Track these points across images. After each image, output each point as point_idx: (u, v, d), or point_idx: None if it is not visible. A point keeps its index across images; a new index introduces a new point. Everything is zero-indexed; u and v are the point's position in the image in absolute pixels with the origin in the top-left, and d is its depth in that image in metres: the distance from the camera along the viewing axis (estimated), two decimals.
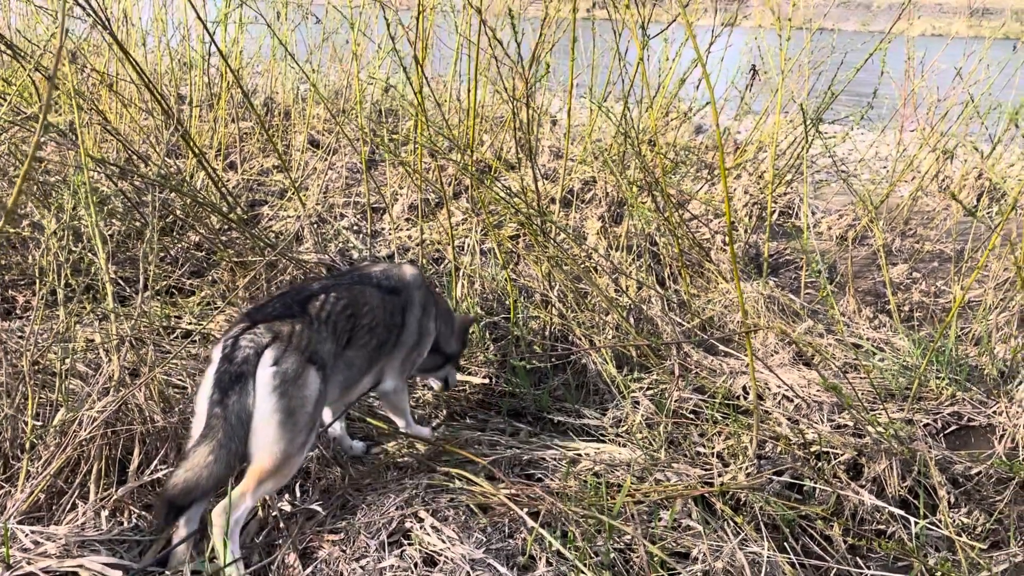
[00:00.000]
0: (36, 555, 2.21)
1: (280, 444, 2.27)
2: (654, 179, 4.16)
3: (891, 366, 3.68)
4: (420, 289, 2.97)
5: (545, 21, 3.86)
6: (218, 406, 2.21)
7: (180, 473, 2.19)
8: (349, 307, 2.60)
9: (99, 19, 3.28)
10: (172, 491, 2.18)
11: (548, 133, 6.79)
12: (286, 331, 2.35)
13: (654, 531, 2.58)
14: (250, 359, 2.27)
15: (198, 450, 2.19)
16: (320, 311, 2.50)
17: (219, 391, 2.23)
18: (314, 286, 2.65)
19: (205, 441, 2.20)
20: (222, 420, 2.21)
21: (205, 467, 2.18)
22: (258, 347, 2.29)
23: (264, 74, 6.94)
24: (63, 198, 2.96)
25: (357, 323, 2.62)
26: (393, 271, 2.94)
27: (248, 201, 5.13)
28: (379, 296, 2.77)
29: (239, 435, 2.23)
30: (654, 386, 3.52)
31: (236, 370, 2.25)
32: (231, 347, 2.29)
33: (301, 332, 2.38)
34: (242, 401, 2.23)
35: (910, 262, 5.08)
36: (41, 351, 2.73)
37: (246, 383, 2.24)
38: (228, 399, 2.22)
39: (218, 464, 2.19)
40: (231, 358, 2.27)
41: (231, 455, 2.21)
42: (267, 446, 2.26)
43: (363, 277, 2.83)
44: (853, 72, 4.86)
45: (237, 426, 2.22)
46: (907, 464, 2.96)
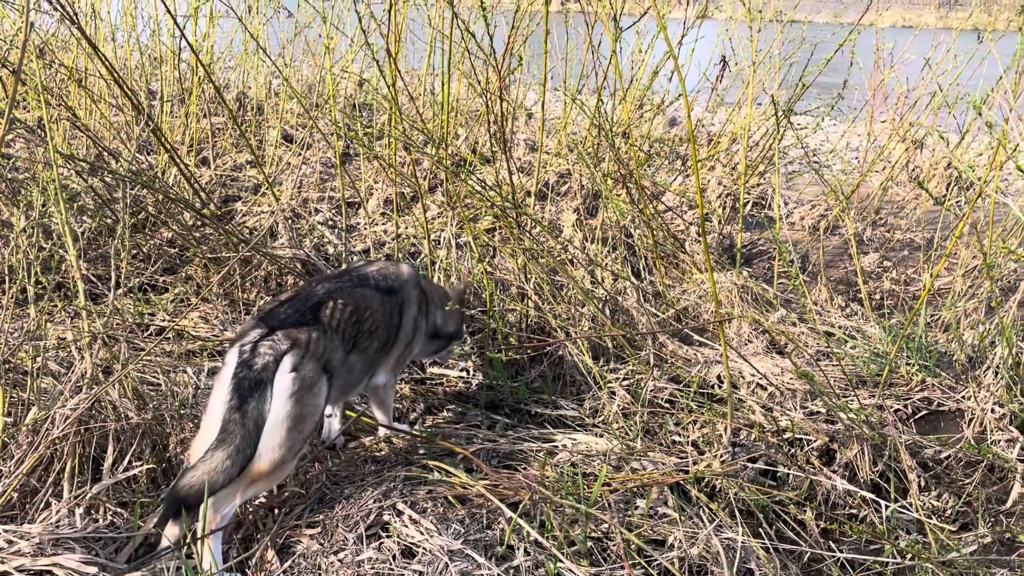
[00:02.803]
0: (10, 554, 2.19)
1: (282, 450, 2.31)
2: (628, 171, 4.19)
3: (862, 353, 3.73)
4: (416, 288, 3.01)
5: (517, 14, 3.86)
6: (237, 412, 2.24)
7: (196, 475, 2.20)
8: (354, 313, 2.63)
9: (66, 14, 3.24)
10: (187, 490, 2.19)
11: (523, 126, 6.79)
12: (304, 339, 2.39)
13: (631, 519, 2.60)
14: (270, 366, 2.30)
15: (216, 454, 2.21)
16: (331, 319, 2.54)
17: (238, 397, 2.25)
18: (319, 290, 2.66)
19: (223, 446, 2.21)
20: (240, 426, 2.23)
21: (223, 472, 2.21)
22: (277, 354, 2.33)
23: (236, 69, 6.87)
24: (32, 195, 2.93)
25: (360, 328, 2.65)
26: (390, 271, 2.96)
27: (221, 197, 5.10)
28: (379, 298, 2.79)
29: (254, 440, 2.26)
30: (630, 376, 3.55)
31: (256, 376, 2.28)
32: (250, 352, 2.32)
33: (318, 340, 2.43)
34: (260, 407, 2.26)
35: (881, 251, 5.15)
36: (12, 350, 2.70)
37: (265, 390, 2.28)
38: (247, 405, 2.24)
39: (234, 468, 2.22)
40: (250, 364, 2.29)
41: (246, 460, 2.24)
42: (270, 450, 2.29)
43: (362, 278, 2.84)
44: (823, 63, 4.91)
45: (254, 432, 2.25)
46: (878, 449, 3.01)
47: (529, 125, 6.93)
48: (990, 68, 5.02)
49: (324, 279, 2.83)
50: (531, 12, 4.84)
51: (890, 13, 7.29)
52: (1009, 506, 2.95)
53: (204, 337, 3.48)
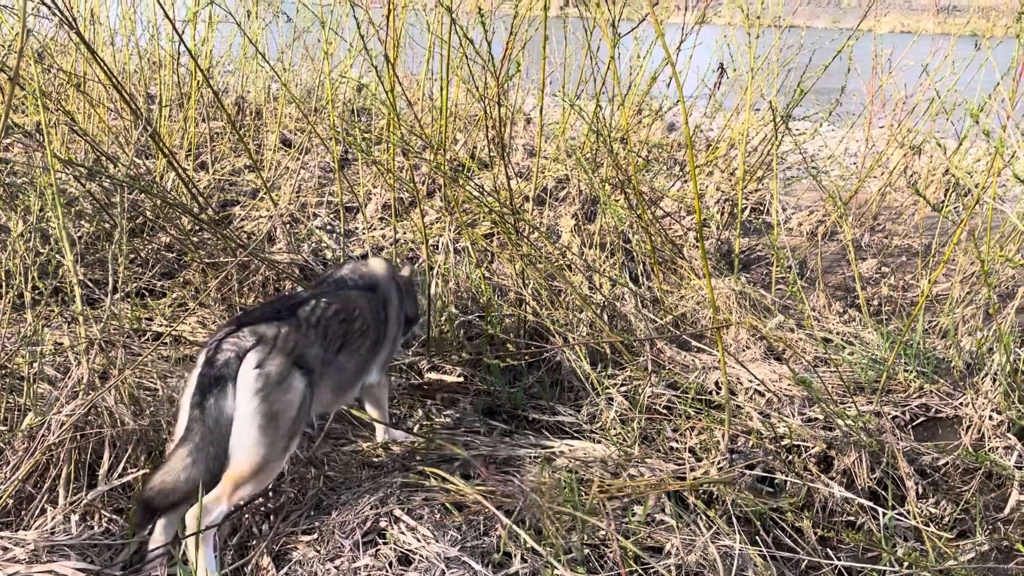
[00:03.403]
0: (5, 561, 2.18)
1: (259, 448, 2.25)
2: (626, 177, 4.19)
3: (860, 359, 3.73)
4: (393, 280, 3.02)
5: (516, 20, 3.87)
6: (197, 408, 2.21)
7: (157, 476, 2.18)
8: (341, 312, 2.61)
9: (65, 18, 3.24)
10: (148, 493, 2.17)
11: (522, 131, 6.80)
12: (271, 334, 2.34)
13: (628, 526, 2.60)
14: (231, 362, 2.26)
15: (176, 453, 2.19)
16: (311, 315, 2.51)
17: (199, 394, 2.23)
18: (303, 294, 2.67)
19: (183, 444, 2.20)
20: (200, 423, 2.20)
21: (183, 470, 2.18)
22: (240, 350, 2.28)
23: (235, 73, 6.88)
24: (30, 200, 2.92)
25: (350, 328, 2.63)
26: (363, 269, 2.96)
27: (219, 201, 5.09)
28: (364, 298, 2.79)
29: (217, 438, 2.22)
30: (628, 382, 3.55)
31: (216, 373, 2.24)
32: (214, 350, 2.29)
33: (287, 335, 2.37)
34: (220, 404, 2.22)
35: (879, 257, 5.15)
36: (8, 355, 2.69)
37: (225, 386, 2.24)
38: (207, 401, 2.22)
39: (196, 467, 2.18)
40: (212, 361, 2.27)
41: (209, 458, 2.21)
42: (245, 449, 2.24)
43: (340, 282, 2.85)
44: (821, 69, 4.92)
45: (215, 429, 2.21)
46: (876, 456, 3.01)
47: (528, 130, 6.94)
48: (988, 75, 5.03)
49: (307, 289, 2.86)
50: (530, 17, 4.84)
51: (888, 19, 7.30)
52: (1007, 514, 2.95)
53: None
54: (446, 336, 3.82)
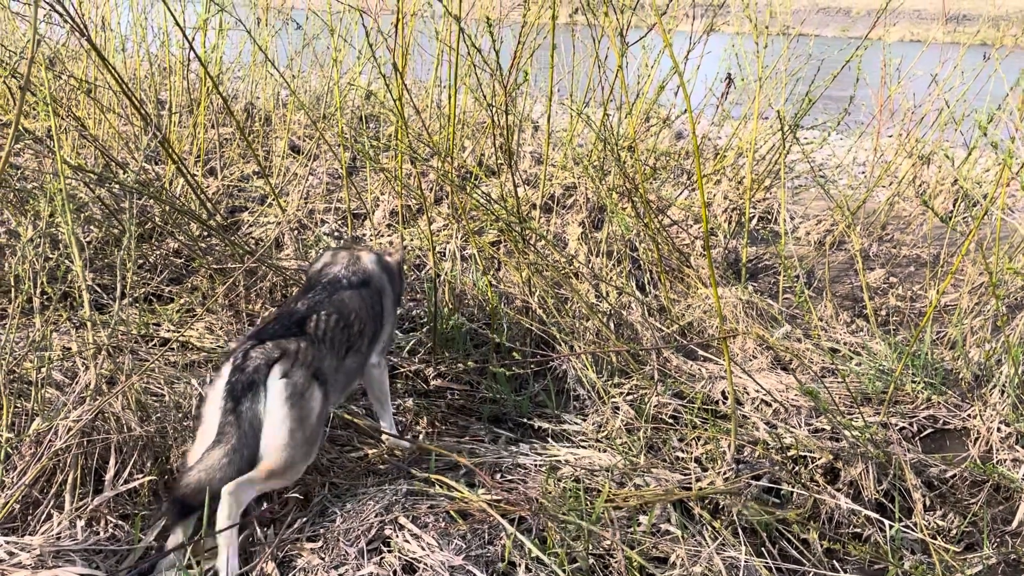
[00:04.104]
0: (10, 566, 2.19)
1: (289, 450, 2.39)
2: (633, 185, 4.19)
3: (867, 370, 3.72)
4: (383, 270, 3.12)
5: (524, 28, 3.88)
6: (231, 414, 2.33)
7: (194, 473, 2.28)
8: (340, 320, 2.73)
9: (76, 25, 3.26)
10: (184, 490, 2.27)
11: (529, 138, 6.81)
12: (292, 348, 2.49)
13: (633, 536, 2.59)
14: (261, 368, 2.40)
15: (212, 453, 2.30)
16: (316, 330, 2.63)
17: (232, 399, 2.34)
18: (299, 307, 2.74)
19: (219, 445, 2.30)
20: (235, 427, 2.32)
21: (219, 469, 2.28)
22: (268, 359, 2.42)
23: (244, 79, 6.91)
24: (39, 205, 2.94)
25: (351, 333, 2.75)
26: (354, 265, 3.04)
27: (228, 207, 5.11)
28: (357, 296, 2.88)
29: (250, 441, 2.35)
30: (634, 391, 3.54)
31: (247, 379, 2.37)
32: (242, 359, 2.41)
33: (306, 350, 2.52)
34: (254, 408, 2.36)
35: (887, 267, 5.13)
36: (17, 360, 2.71)
37: (257, 391, 2.38)
38: (241, 406, 2.34)
39: (231, 467, 2.30)
40: (242, 368, 2.39)
41: (243, 460, 2.33)
42: (278, 450, 2.38)
43: (334, 283, 2.92)
44: (830, 79, 4.91)
45: (249, 432, 2.35)
46: (883, 468, 3.00)
47: (535, 137, 6.95)
48: (997, 86, 5.01)
49: (299, 296, 2.92)
50: (538, 26, 4.85)
51: (897, 28, 7.31)
52: (1015, 527, 2.93)
53: (208, 348, 3.48)
54: (452, 343, 3.83)
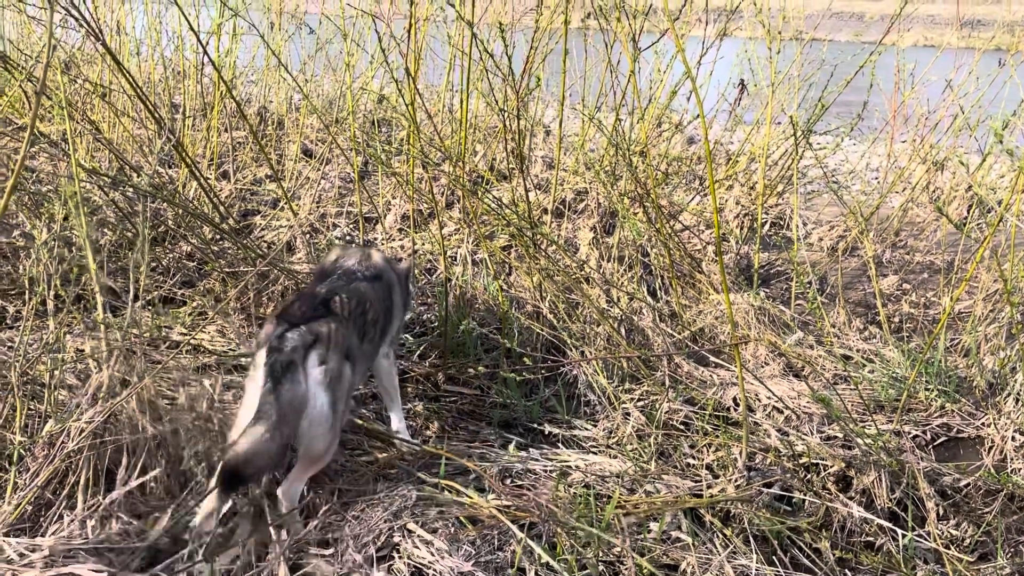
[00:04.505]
0: (22, 566, 2.20)
1: (330, 435, 2.50)
2: (645, 191, 4.18)
3: (880, 377, 3.69)
4: (391, 270, 3.20)
5: (537, 33, 3.88)
6: (271, 393, 2.35)
7: (241, 444, 2.30)
8: (359, 305, 2.80)
9: (92, 30, 3.29)
10: (235, 460, 2.29)
11: (541, 143, 6.81)
12: (324, 331, 2.54)
13: (643, 543, 2.58)
14: (298, 349, 2.45)
15: (255, 428, 2.31)
16: (342, 310, 2.70)
17: (272, 380, 2.37)
18: (320, 289, 2.83)
19: (260, 421, 2.31)
20: (275, 406, 2.34)
21: (263, 442, 2.29)
22: (305, 342, 2.48)
23: (258, 83, 6.95)
24: (54, 208, 2.96)
25: (367, 319, 2.82)
26: (367, 261, 3.12)
27: (241, 211, 5.14)
28: (371, 288, 2.95)
29: (291, 421, 2.39)
30: (644, 397, 3.53)
31: (286, 359, 2.41)
32: (278, 342, 2.46)
33: (336, 331, 2.59)
34: (294, 390, 2.39)
35: (900, 273, 5.10)
36: (31, 362, 2.72)
37: (296, 372, 2.41)
38: (281, 387, 2.37)
39: (272, 442, 2.31)
40: (280, 349, 2.43)
41: (283, 437, 2.35)
42: (320, 436, 2.47)
43: (349, 274, 2.99)
44: (843, 84, 4.89)
45: (289, 412, 2.37)
46: (896, 476, 2.97)
47: (547, 142, 6.95)
48: (1013, 91, 4.98)
49: (317, 281, 3.00)
50: (551, 31, 4.86)
51: (911, 33, 7.26)
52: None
53: (220, 351, 3.49)
54: (463, 348, 3.83)
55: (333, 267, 3.09)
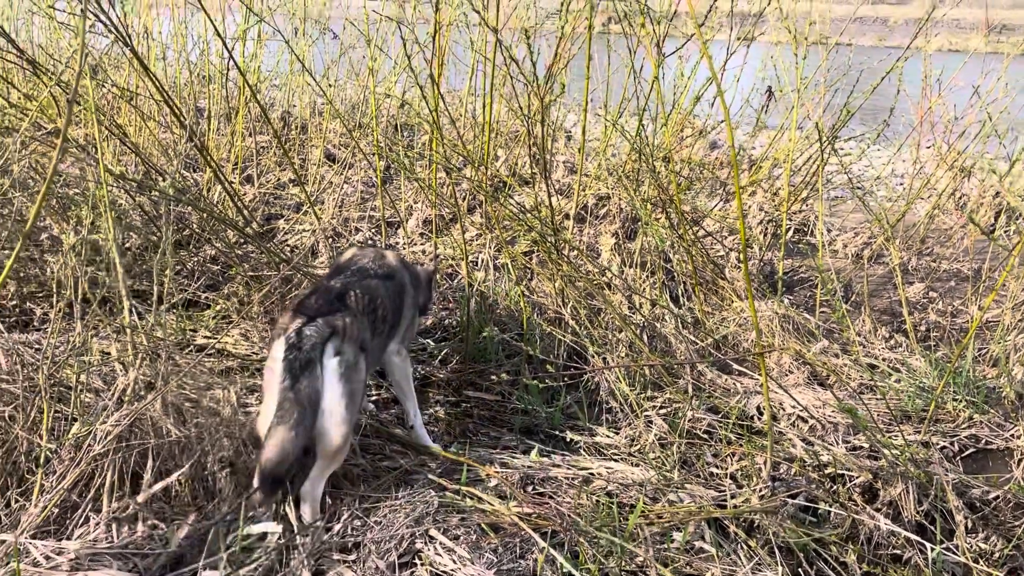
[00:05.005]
0: (48, 569, 2.22)
1: (346, 425, 2.53)
2: (668, 196, 4.16)
3: (907, 387, 3.64)
4: (405, 270, 3.25)
5: (562, 40, 3.87)
6: (291, 391, 2.43)
7: (270, 448, 2.38)
8: (372, 301, 2.86)
9: (120, 36, 3.32)
10: (268, 465, 2.38)
11: (562, 148, 6.80)
12: (341, 325, 2.61)
13: (666, 553, 2.56)
14: (316, 346, 2.51)
15: (279, 429, 2.39)
16: (356, 305, 2.77)
17: (291, 377, 2.45)
18: (335, 284, 2.88)
19: (283, 422, 2.40)
20: (294, 402, 2.42)
21: (289, 441, 2.38)
22: (322, 337, 2.54)
23: (282, 88, 6.99)
24: (81, 211, 2.99)
25: (376, 316, 2.86)
26: (381, 260, 3.18)
27: (264, 215, 5.16)
28: (383, 286, 3.01)
29: (311, 415, 2.46)
30: (667, 405, 3.50)
31: (305, 357, 2.48)
32: (296, 338, 2.52)
33: (351, 324, 2.65)
34: (312, 385, 2.46)
35: (927, 281, 5.04)
36: (57, 365, 2.75)
37: (314, 368, 2.48)
38: (300, 384, 2.44)
39: (298, 440, 2.40)
40: (299, 346, 2.50)
41: (306, 431, 2.44)
42: (336, 427, 2.51)
43: (362, 270, 3.05)
44: (870, 90, 4.84)
45: (309, 407, 2.45)
46: (923, 488, 2.93)
47: (568, 147, 6.93)
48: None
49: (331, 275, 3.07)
50: (573, 36, 4.84)
51: (937, 38, 7.15)
52: None
53: (244, 355, 3.51)
54: (484, 354, 3.82)
55: (347, 264, 3.16)
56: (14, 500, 2.47)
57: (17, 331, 3.43)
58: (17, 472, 2.52)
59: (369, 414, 3.33)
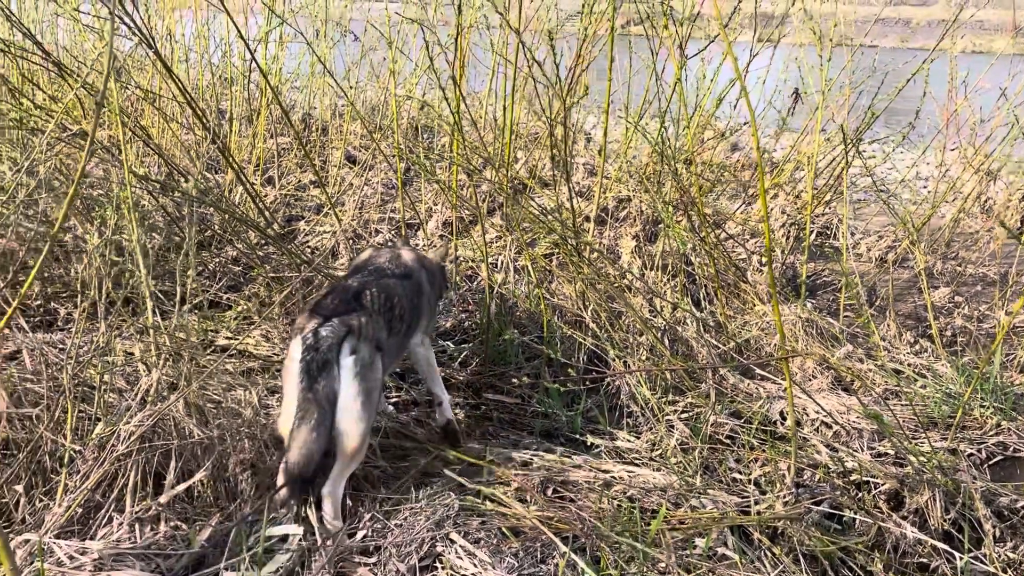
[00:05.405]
0: (72, 569, 2.23)
1: (363, 423, 2.54)
2: (690, 199, 4.13)
3: (933, 393, 3.59)
4: (422, 268, 3.27)
5: (585, 42, 3.86)
6: (309, 391, 2.47)
7: (295, 451, 2.43)
8: (388, 300, 2.87)
9: (145, 38, 3.34)
10: (295, 468, 2.43)
11: (582, 150, 6.77)
12: (356, 324, 2.62)
13: (689, 560, 2.53)
14: (333, 347, 2.54)
15: (301, 431, 2.44)
16: (372, 304, 2.78)
17: (308, 378, 2.48)
18: (352, 283, 2.90)
19: (304, 423, 2.45)
20: (313, 403, 2.46)
21: (313, 442, 2.43)
22: (338, 338, 2.56)
23: (303, 90, 7.02)
24: (106, 212, 3.01)
25: (393, 314, 2.88)
26: (398, 260, 3.20)
27: (285, 216, 5.18)
28: (400, 285, 3.03)
29: (330, 414, 2.49)
30: (689, 409, 3.47)
31: (322, 358, 2.50)
32: (313, 338, 2.54)
33: (367, 324, 2.67)
34: (330, 385, 2.50)
35: (952, 285, 4.97)
36: (81, 364, 2.76)
37: (331, 369, 2.51)
38: (317, 384, 2.48)
39: (320, 440, 2.45)
40: (316, 347, 2.52)
41: (327, 432, 2.48)
42: (353, 425, 2.52)
43: (379, 270, 3.08)
44: (895, 92, 4.78)
45: (327, 407, 2.48)
46: (950, 496, 2.88)
47: (587, 149, 6.91)
48: None
49: (349, 275, 3.09)
50: (594, 38, 4.82)
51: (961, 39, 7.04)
52: None
53: (265, 356, 3.51)
54: (504, 356, 3.80)
55: (364, 264, 3.18)
56: (38, 500, 2.49)
57: (42, 331, 3.46)
58: (42, 471, 2.53)
59: (388, 416, 3.33)
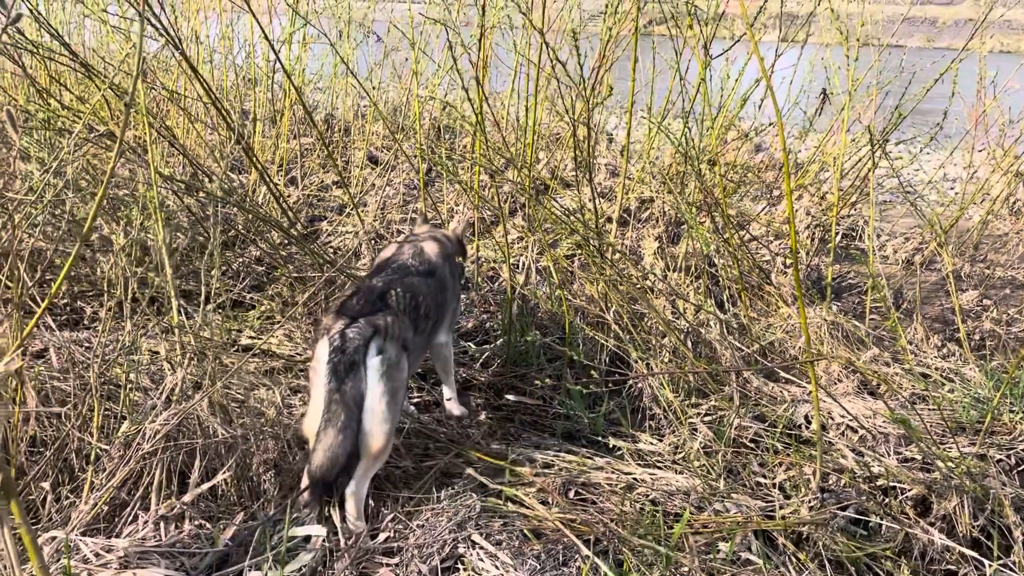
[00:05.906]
0: (97, 566, 2.24)
1: (388, 423, 2.55)
2: (714, 200, 4.09)
3: (961, 398, 3.54)
4: (446, 261, 3.28)
5: (609, 43, 3.84)
6: (336, 392, 2.48)
7: (320, 453, 2.45)
8: (413, 299, 2.88)
9: (171, 39, 3.36)
10: (319, 470, 2.45)
11: (604, 150, 6.75)
12: (383, 324, 2.64)
13: (712, 564, 2.51)
14: (360, 349, 2.54)
15: (328, 433, 2.46)
16: (398, 304, 2.80)
17: (336, 380, 2.49)
18: (377, 283, 2.91)
19: (331, 425, 2.46)
20: (341, 404, 2.47)
21: (339, 445, 2.45)
22: (364, 339, 2.56)
23: (325, 91, 7.05)
24: (131, 212, 3.04)
25: (419, 313, 2.89)
26: (420, 256, 3.19)
27: (307, 216, 5.20)
28: (424, 283, 3.04)
29: (356, 416, 2.51)
30: (712, 412, 3.44)
31: (349, 359, 2.51)
32: (340, 340, 2.55)
33: (393, 323, 2.68)
34: (357, 387, 2.51)
35: (980, 288, 4.90)
36: (107, 363, 2.79)
37: (358, 371, 2.52)
38: (345, 386, 2.49)
39: (346, 442, 2.46)
40: (343, 349, 2.53)
41: (353, 434, 2.49)
42: (378, 425, 2.53)
43: (403, 267, 3.08)
44: (923, 92, 4.72)
45: (354, 408, 2.50)
46: (979, 502, 2.83)
47: (610, 149, 6.88)
48: None
49: (373, 274, 3.10)
50: (618, 38, 4.80)
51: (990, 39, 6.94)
52: None
53: (288, 355, 3.53)
54: (526, 358, 3.80)
55: (387, 262, 3.18)
56: (65, 497, 2.51)
57: (68, 329, 3.50)
58: (68, 469, 2.56)
59: (410, 416, 3.33)
